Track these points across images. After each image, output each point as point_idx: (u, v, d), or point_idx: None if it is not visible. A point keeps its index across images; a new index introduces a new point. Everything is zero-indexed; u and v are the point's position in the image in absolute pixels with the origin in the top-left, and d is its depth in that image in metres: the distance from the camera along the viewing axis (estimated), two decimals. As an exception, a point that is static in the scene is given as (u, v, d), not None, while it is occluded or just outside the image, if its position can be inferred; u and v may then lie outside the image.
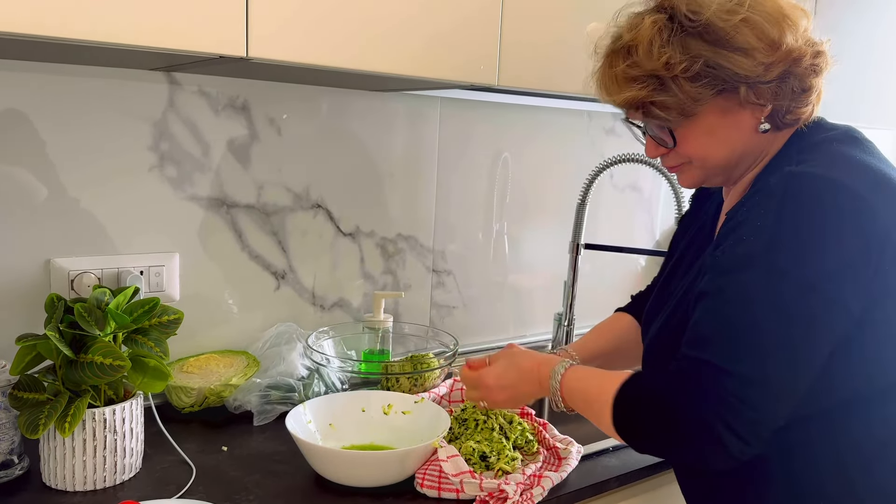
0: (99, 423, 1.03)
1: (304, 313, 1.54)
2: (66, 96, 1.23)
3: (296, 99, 1.45)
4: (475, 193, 1.76)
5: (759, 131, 0.93)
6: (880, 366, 0.87)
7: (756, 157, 0.97)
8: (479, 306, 1.82)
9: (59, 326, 1.02)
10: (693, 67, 0.88)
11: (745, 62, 0.87)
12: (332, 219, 1.54)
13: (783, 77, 0.89)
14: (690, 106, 0.90)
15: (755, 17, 0.87)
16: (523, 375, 1.04)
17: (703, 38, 0.88)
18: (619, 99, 0.94)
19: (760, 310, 0.81)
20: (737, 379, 0.80)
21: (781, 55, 0.88)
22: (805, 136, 0.95)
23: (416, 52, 1.15)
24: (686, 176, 1.00)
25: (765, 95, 0.90)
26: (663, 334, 1.02)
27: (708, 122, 0.92)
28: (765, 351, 0.81)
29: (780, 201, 0.84)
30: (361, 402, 1.23)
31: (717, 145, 0.94)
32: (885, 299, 0.84)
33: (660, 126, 0.95)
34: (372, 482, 1.07)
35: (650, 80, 0.90)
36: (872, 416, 0.88)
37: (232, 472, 1.12)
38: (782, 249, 0.82)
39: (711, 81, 0.88)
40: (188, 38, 0.94)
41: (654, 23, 0.90)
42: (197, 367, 1.35)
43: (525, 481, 1.09)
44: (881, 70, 2.00)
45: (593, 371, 0.98)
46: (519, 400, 1.06)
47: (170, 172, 1.34)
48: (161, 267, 1.34)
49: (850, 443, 0.88)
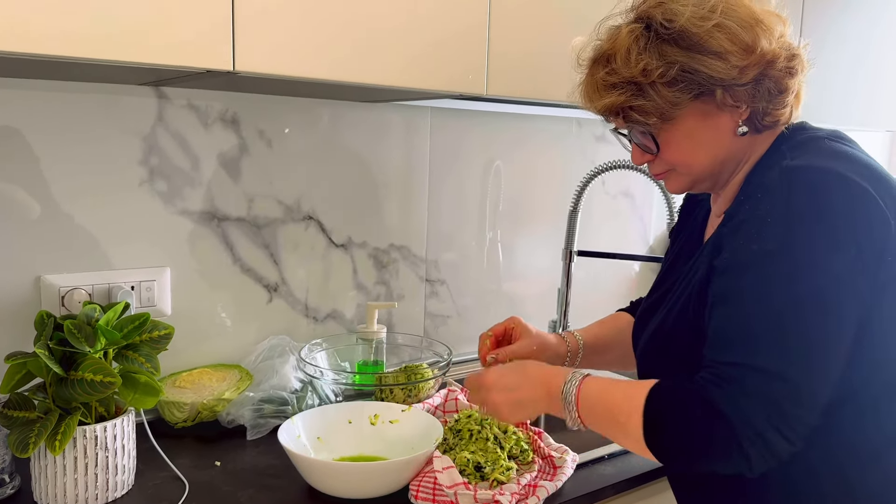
0: (90, 440, 1.02)
1: (298, 325, 1.54)
2: (58, 112, 1.23)
3: (285, 111, 1.46)
4: (467, 202, 1.76)
5: (738, 134, 0.94)
6: (883, 360, 0.87)
7: (739, 161, 0.98)
8: (473, 315, 1.82)
9: (48, 344, 1.01)
10: (669, 72, 0.90)
11: (720, 65, 0.89)
12: (323, 230, 1.54)
13: (758, 79, 0.91)
14: (669, 110, 0.92)
15: (728, 23, 0.89)
16: (528, 380, 0.99)
17: (678, 44, 0.90)
18: (599, 105, 0.96)
19: (795, 306, 0.82)
20: (785, 381, 0.80)
21: (756, 58, 0.89)
22: (791, 137, 0.96)
23: (403, 63, 1.15)
24: (672, 182, 1.01)
25: (741, 98, 0.91)
26: (657, 339, 1.02)
27: (688, 127, 0.94)
28: (805, 347, 0.81)
29: (787, 195, 0.84)
30: (348, 415, 1.23)
31: (699, 149, 0.95)
32: (882, 295, 0.85)
33: (642, 132, 0.96)
34: (366, 493, 1.07)
35: (629, 86, 0.92)
36: (867, 419, 0.88)
37: (225, 486, 1.11)
38: (803, 242, 0.82)
39: (688, 85, 0.90)
40: (175, 53, 0.94)
41: (631, 31, 0.92)
42: (189, 381, 1.35)
43: (520, 491, 1.08)
44: (873, 72, 2.01)
45: (612, 381, 0.94)
46: (519, 406, 0.99)
47: (160, 187, 1.34)
48: (152, 282, 1.34)
49: (846, 445, 0.88)
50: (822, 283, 0.82)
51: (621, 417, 0.89)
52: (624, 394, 0.90)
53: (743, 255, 0.86)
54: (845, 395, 0.86)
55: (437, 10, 1.17)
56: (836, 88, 1.93)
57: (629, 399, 0.89)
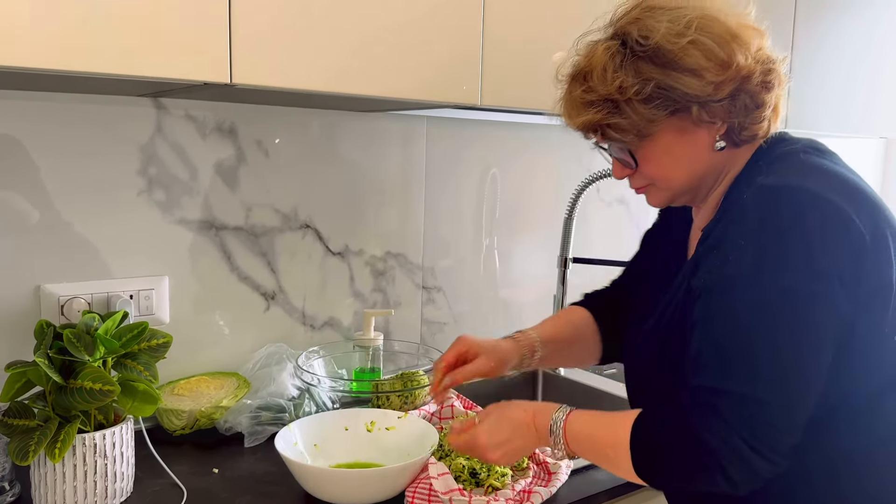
0: (89, 448, 1.04)
1: (295, 333, 1.55)
2: (58, 122, 1.24)
3: (282, 121, 1.47)
4: (464, 210, 1.78)
5: (716, 149, 0.95)
6: (866, 371, 0.88)
7: (718, 175, 0.98)
8: (469, 322, 1.83)
9: (48, 353, 1.03)
10: (645, 90, 0.90)
11: (695, 83, 0.89)
12: (320, 238, 1.56)
13: (734, 95, 0.91)
14: (646, 127, 0.92)
15: (703, 39, 0.89)
16: (517, 429, 1.01)
17: (653, 62, 0.90)
18: (577, 122, 0.97)
19: (768, 328, 0.82)
20: (759, 403, 0.81)
21: (731, 74, 0.89)
22: (769, 150, 0.96)
23: (399, 75, 1.16)
24: (652, 197, 1.02)
25: (717, 113, 0.92)
26: (648, 355, 1.02)
27: (665, 143, 0.94)
28: (781, 370, 0.82)
29: (759, 216, 0.85)
30: (344, 421, 1.24)
31: (677, 165, 0.96)
32: (868, 305, 0.85)
33: (620, 148, 0.97)
34: (363, 500, 1.08)
35: (605, 103, 0.93)
36: (860, 423, 0.89)
37: (223, 493, 1.12)
38: (774, 264, 0.83)
39: (664, 102, 0.90)
40: (173, 66, 0.96)
41: (608, 49, 0.93)
42: (188, 389, 1.36)
43: (515, 497, 1.10)
44: (866, 79, 2.03)
45: (596, 414, 0.97)
46: (516, 454, 1.02)
47: (158, 196, 1.35)
48: (151, 290, 1.35)
49: (840, 451, 0.89)
50: (795, 306, 0.82)
51: (610, 452, 0.92)
52: (609, 428, 0.93)
53: (717, 278, 0.87)
54: (836, 402, 0.87)
55: (432, 21, 1.18)
56: (829, 96, 1.94)
57: (615, 433, 0.91)
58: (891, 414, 0.90)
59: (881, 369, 0.89)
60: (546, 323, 1.27)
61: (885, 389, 0.90)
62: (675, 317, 0.96)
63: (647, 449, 0.89)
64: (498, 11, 1.26)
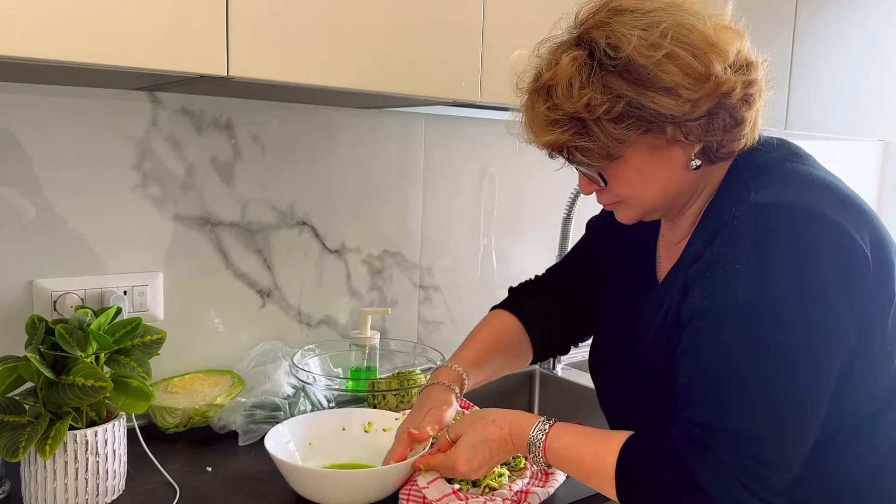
0: (80, 445, 1.02)
1: (290, 331, 1.54)
2: (52, 116, 1.23)
3: (279, 116, 1.46)
4: (461, 208, 1.77)
5: (691, 168, 0.88)
6: (866, 392, 0.86)
7: (694, 191, 0.93)
8: (466, 321, 1.81)
9: (39, 348, 1.01)
10: (615, 108, 0.82)
11: (671, 102, 0.81)
12: (317, 236, 1.54)
13: (712, 112, 0.83)
14: (615, 148, 0.85)
15: (679, 51, 0.81)
16: (494, 447, 0.99)
17: (623, 77, 0.82)
18: (540, 142, 0.90)
19: (766, 361, 0.78)
20: (753, 441, 0.78)
21: (709, 88, 0.82)
22: (750, 159, 0.90)
23: (397, 70, 1.15)
24: (622, 213, 0.96)
25: (694, 133, 0.84)
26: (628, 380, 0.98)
27: (636, 162, 0.87)
28: (778, 405, 0.78)
29: (756, 239, 0.80)
30: (341, 421, 1.23)
31: (649, 185, 0.90)
32: (870, 325, 0.82)
33: (589, 165, 0.90)
34: (351, 501, 1.06)
35: (571, 122, 0.85)
36: (861, 445, 0.86)
37: (216, 492, 1.11)
38: (772, 292, 0.78)
39: (636, 122, 0.83)
40: (169, 58, 0.94)
41: (574, 60, 0.84)
42: (181, 387, 1.34)
43: (512, 497, 1.08)
44: (865, 81, 2.03)
45: (578, 434, 0.93)
46: (496, 464, 1.03)
47: (153, 191, 1.34)
48: (145, 286, 1.34)
49: (842, 474, 0.86)
50: (795, 338, 0.78)
51: (594, 479, 0.90)
52: (594, 455, 0.89)
53: (712, 305, 0.81)
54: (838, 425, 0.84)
55: (432, 16, 1.17)
56: (828, 98, 1.94)
57: (601, 462, 0.88)
58: (891, 432, 0.88)
59: (881, 386, 0.87)
60: (472, 347, 1.18)
61: (886, 407, 0.88)
62: (660, 340, 0.92)
63: (635, 482, 0.86)
64: (499, 6, 1.25)
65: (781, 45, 1.78)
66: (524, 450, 0.97)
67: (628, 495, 0.86)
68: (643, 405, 0.96)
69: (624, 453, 0.86)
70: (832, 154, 2.27)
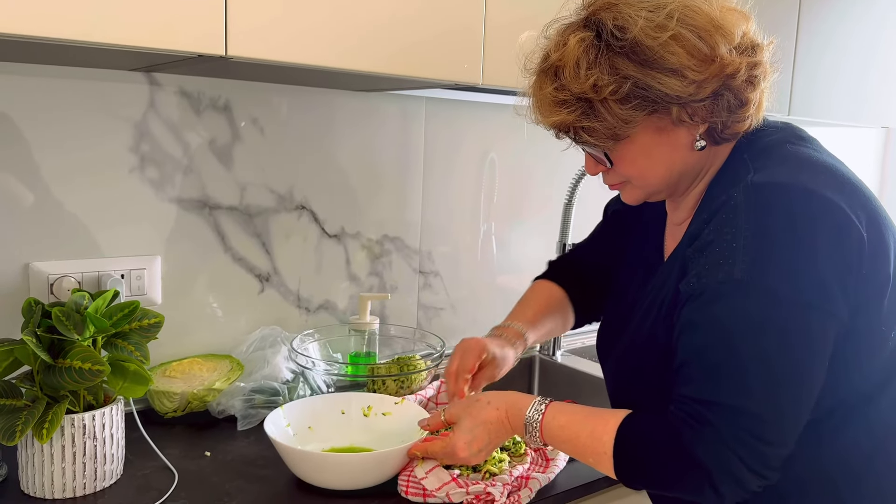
0: (78, 429, 1.01)
1: (289, 316, 1.53)
2: (48, 98, 1.21)
3: (278, 99, 1.44)
4: (462, 194, 1.75)
5: (696, 149, 0.89)
6: (862, 372, 0.86)
7: (698, 172, 0.93)
8: (466, 307, 1.81)
9: (36, 331, 1.00)
10: (622, 89, 0.83)
11: (676, 83, 0.82)
12: (316, 220, 1.53)
13: (717, 93, 0.85)
14: (621, 129, 0.86)
15: (685, 32, 0.82)
16: (492, 430, 1.00)
17: (630, 58, 0.83)
18: (548, 122, 0.91)
19: (762, 338, 0.79)
20: (751, 417, 0.79)
21: (715, 70, 0.83)
22: (753, 141, 0.91)
23: (399, 51, 1.14)
24: (627, 194, 0.97)
25: (699, 114, 0.86)
26: (631, 356, 0.99)
27: (642, 143, 0.88)
28: (775, 381, 0.79)
29: (752, 217, 0.80)
30: (341, 405, 1.22)
31: (654, 165, 0.90)
32: (867, 304, 0.82)
33: (595, 146, 0.91)
34: (351, 485, 1.06)
35: (578, 103, 0.86)
36: (857, 426, 0.86)
37: (215, 477, 1.10)
38: (768, 270, 0.78)
39: (641, 103, 0.84)
40: (166, 36, 0.93)
41: (581, 41, 0.85)
42: (180, 371, 1.33)
43: (513, 483, 1.08)
44: (865, 67, 2.01)
45: (574, 414, 0.94)
46: (495, 448, 1.04)
47: (151, 174, 1.32)
48: (142, 270, 1.33)
49: (837, 454, 0.86)
50: (791, 314, 0.78)
51: (591, 458, 0.91)
52: (591, 434, 0.90)
53: (709, 283, 0.82)
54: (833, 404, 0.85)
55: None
56: (831, 84, 1.92)
57: (597, 440, 0.89)
58: (887, 414, 0.88)
59: (877, 367, 0.87)
60: (527, 309, 1.23)
61: (882, 388, 0.87)
62: (658, 323, 0.92)
63: (633, 460, 0.87)
64: (501, -12, 1.23)
65: (786, 32, 1.77)
66: (521, 430, 0.98)
67: (627, 473, 0.87)
68: (644, 382, 0.96)
69: (622, 432, 0.87)
70: (834, 140, 2.26)
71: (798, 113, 1.81)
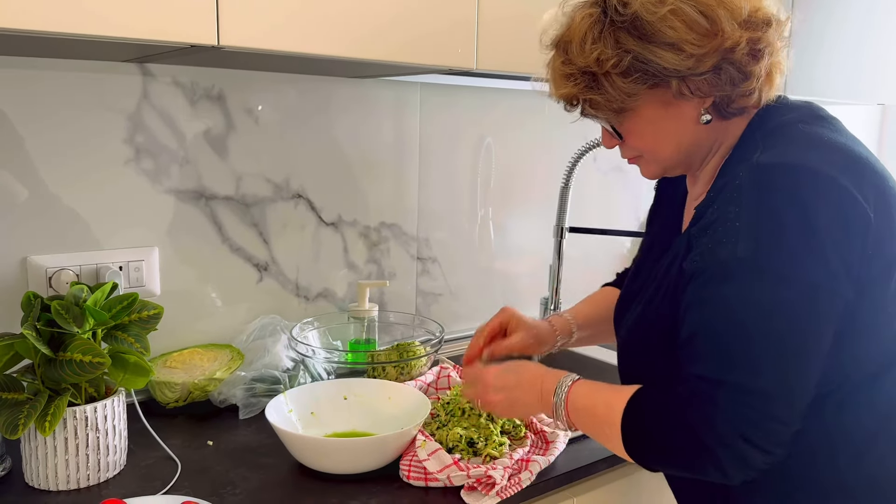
0: (80, 421, 1.02)
1: (288, 305, 1.53)
2: (42, 91, 1.20)
3: (272, 88, 1.44)
4: (458, 179, 1.75)
5: (702, 122, 0.90)
6: (867, 350, 0.86)
7: (710, 146, 0.94)
8: (464, 293, 1.81)
9: (35, 325, 1.00)
10: (622, 62, 0.86)
11: (673, 57, 0.84)
12: (313, 209, 1.53)
13: (718, 67, 0.85)
14: (625, 101, 0.88)
15: (684, 7, 0.83)
16: (523, 382, 1.01)
17: (630, 33, 0.85)
18: (557, 94, 0.94)
19: (765, 316, 0.79)
20: (757, 395, 0.79)
21: (715, 44, 0.84)
22: (767, 119, 0.91)
23: (391, 37, 1.13)
24: (644, 169, 0.99)
25: (700, 88, 0.86)
26: (638, 328, 1.00)
27: (648, 116, 0.90)
28: (780, 360, 0.79)
29: (755, 197, 0.81)
30: (343, 390, 1.23)
31: (662, 139, 0.92)
32: (871, 284, 0.82)
33: (606, 119, 0.93)
34: (353, 469, 1.07)
35: (583, 76, 0.89)
36: (861, 404, 0.87)
37: (218, 466, 1.11)
38: (771, 249, 0.79)
39: (642, 77, 0.86)
40: (158, 27, 0.92)
41: (588, 17, 0.88)
42: (180, 361, 1.34)
43: (513, 465, 1.09)
44: (861, 44, 2.00)
45: (599, 387, 0.95)
46: (514, 406, 1.03)
47: (146, 165, 1.32)
48: (140, 262, 1.33)
49: (840, 431, 0.87)
50: (796, 293, 0.79)
51: (605, 429, 0.91)
52: (606, 404, 0.91)
53: (712, 262, 0.83)
54: (838, 382, 0.85)
55: (426, -18, 1.15)
56: (827, 61, 1.91)
57: (611, 410, 0.90)
58: (892, 393, 0.88)
59: (883, 346, 0.87)
60: (581, 305, 1.27)
61: (888, 368, 0.88)
62: (666, 298, 0.93)
63: (640, 433, 0.87)
64: (493, -28, 1.22)
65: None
66: (549, 397, 0.97)
67: (633, 447, 0.88)
68: (648, 356, 0.98)
69: (631, 405, 0.88)
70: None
71: (794, 91, 1.80)
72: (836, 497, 0.87)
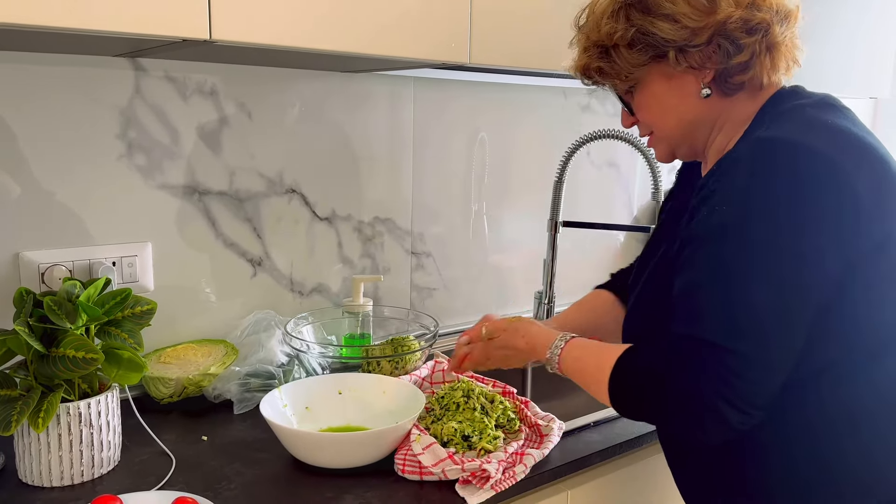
0: (73, 417, 1.02)
1: (283, 300, 1.53)
2: (32, 86, 1.19)
3: (265, 82, 1.43)
4: (452, 174, 1.75)
5: (702, 96, 0.95)
6: (862, 328, 0.87)
7: (712, 123, 0.98)
8: (459, 287, 1.81)
9: (28, 321, 1.00)
10: (627, 34, 0.94)
11: (669, 28, 0.91)
12: (307, 203, 1.53)
13: (712, 40, 0.91)
14: (631, 72, 0.96)
15: None
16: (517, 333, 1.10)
17: (636, 8, 0.94)
18: (577, 65, 1.03)
19: (750, 282, 0.82)
20: (735, 356, 0.82)
21: (712, 20, 0.90)
22: (777, 104, 0.95)
23: (384, 31, 1.13)
24: (656, 149, 1.05)
25: (695, 59, 0.92)
26: (641, 302, 1.04)
27: (653, 90, 0.97)
28: (760, 324, 0.82)
29: (750, 168, 0.84)
30: (338, 385, 1.23)
31: (666, 112, 0.98)
32: (863, 262, 0.84)
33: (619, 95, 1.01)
34: (347, 463, 1.07)
35: (595, 48, 0.98)
36: (860, 381, 0.88)
37: (212, 461, 1.11)
38: (760, 218, 0.82)
39: (645, 48, 0.94)
40: (150, 21, 0.91)
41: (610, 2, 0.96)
42: (174, 357, 1.34)
43: (508, 459, 1.09)
44: (852, 38, 2.01)
45: (590, 346, 1.00)
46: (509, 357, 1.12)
47: (139, 161, 1.32)
48: (134, 257, 1.32)
49: (839, 407, 0.88)
50: (780, 261, 0.82)
51: (593, 386, 0.96)
52: (596, 363, 0.96)
53: (703, 227, 0.87)
54: (833, 357, 0.87)
55: (419, -24, 1.14)
56: (820, 56, 1.91)
57: (600, 368, 0.94)
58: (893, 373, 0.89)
59: (879, 328, 0.88)
60: (567, 312, 1.30)
61: (889, 347, 0.89)
62: (667, 267, 0.96)
63: (624, 387, 0.92)
64: (487, -35, 1.22)
65: None
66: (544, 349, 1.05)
67: (618, 403, 0.93)
68: (645, 321, 1.02)
69: (619, 363, 0.92)
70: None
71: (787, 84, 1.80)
72: (837, 470, 0.89)
